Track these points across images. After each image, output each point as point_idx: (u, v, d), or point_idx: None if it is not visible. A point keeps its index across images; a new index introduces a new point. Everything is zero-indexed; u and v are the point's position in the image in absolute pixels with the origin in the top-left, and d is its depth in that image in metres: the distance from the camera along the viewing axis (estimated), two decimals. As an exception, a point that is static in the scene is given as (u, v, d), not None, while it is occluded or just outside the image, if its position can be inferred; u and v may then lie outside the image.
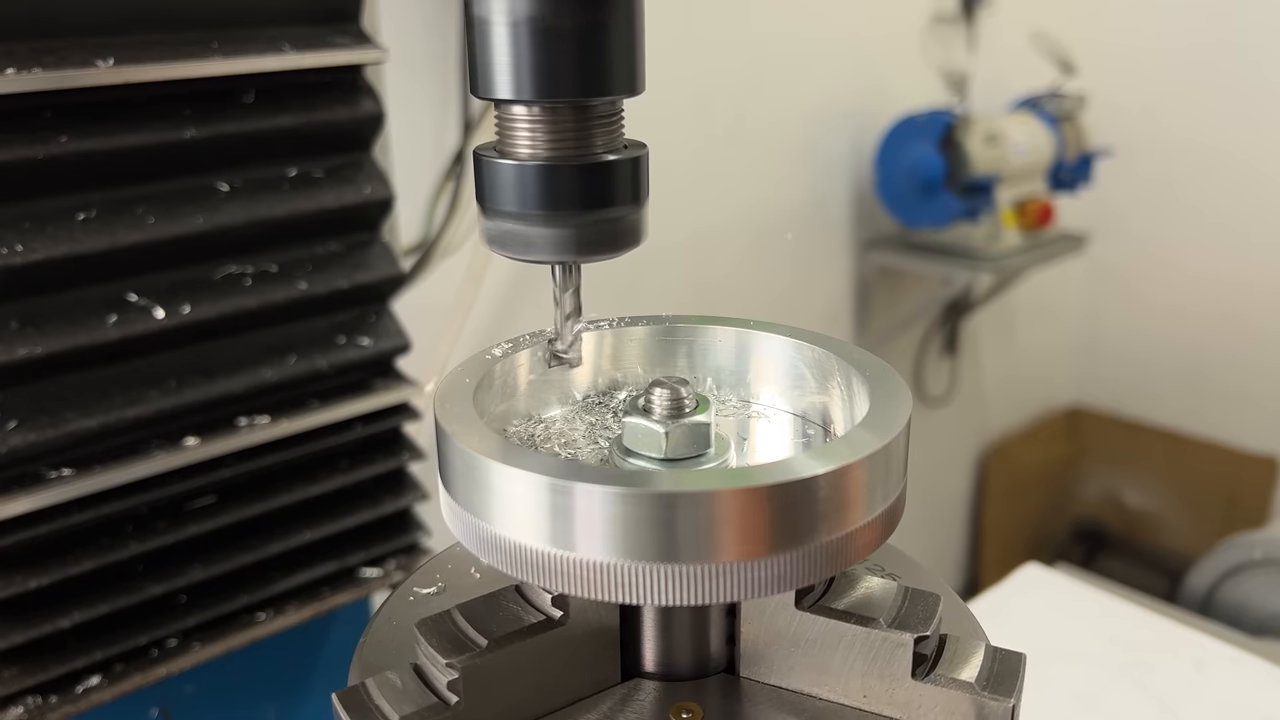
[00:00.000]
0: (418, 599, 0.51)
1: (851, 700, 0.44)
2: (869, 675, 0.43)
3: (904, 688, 0.42)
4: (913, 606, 0.43)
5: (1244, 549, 2.18)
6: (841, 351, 0.48)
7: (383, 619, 0.49)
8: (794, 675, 0.45)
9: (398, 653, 0.46)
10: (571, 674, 0.44)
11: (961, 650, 0.43)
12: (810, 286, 2.48)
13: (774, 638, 0.45)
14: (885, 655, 0.42)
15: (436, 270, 1.45)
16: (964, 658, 0.43)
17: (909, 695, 0.42)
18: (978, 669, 0.42)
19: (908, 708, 0.43)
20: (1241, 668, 1.19)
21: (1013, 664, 0.43)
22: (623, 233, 0.46)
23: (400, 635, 0.48)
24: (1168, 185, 3.10)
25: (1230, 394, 3.13)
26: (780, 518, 0.37)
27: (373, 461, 0.92)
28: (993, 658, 0.43)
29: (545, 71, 0.41)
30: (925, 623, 0.42)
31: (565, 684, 0.44)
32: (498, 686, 0.41)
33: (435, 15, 1.53)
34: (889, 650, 0.42)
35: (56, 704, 0.76)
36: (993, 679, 0.42)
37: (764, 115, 2.20)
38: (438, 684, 0.40)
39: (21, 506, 0.72)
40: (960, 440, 3.11)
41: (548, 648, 0.42)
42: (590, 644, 0.44)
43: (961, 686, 0.41)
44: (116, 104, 0.74)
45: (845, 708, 0.44)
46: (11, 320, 0.72)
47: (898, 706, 0.43)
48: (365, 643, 0.47)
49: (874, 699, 0.43)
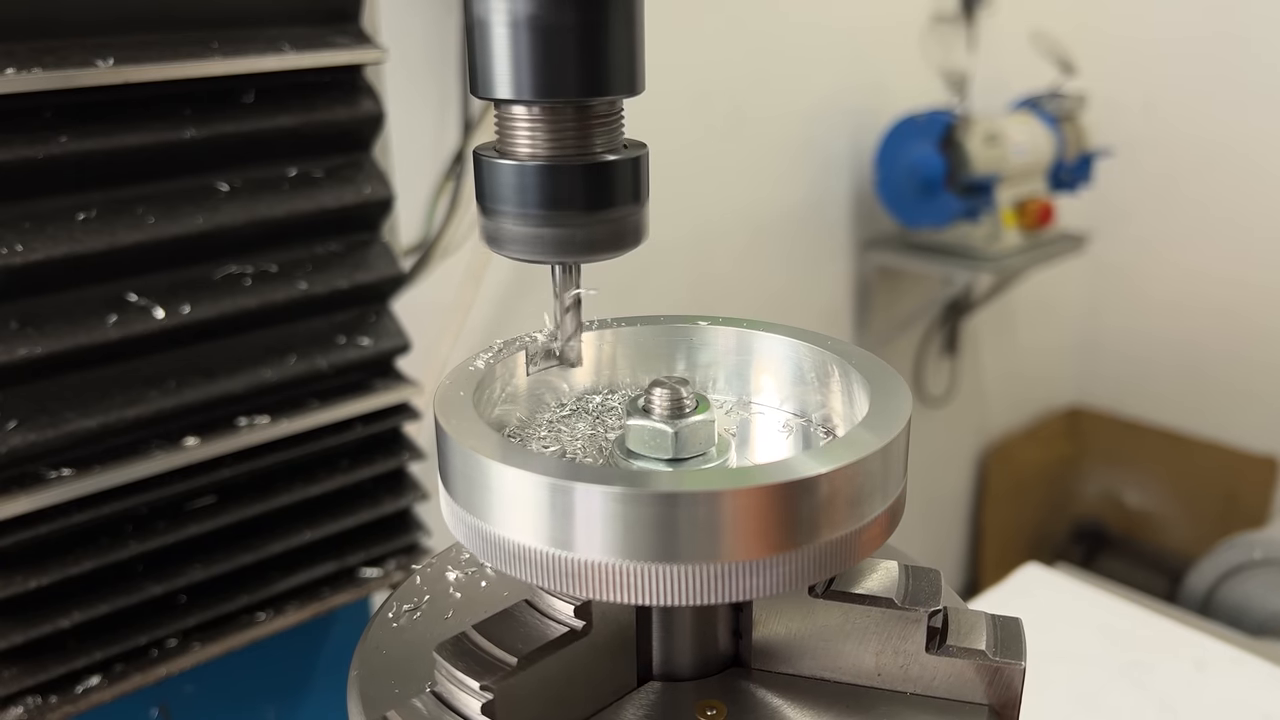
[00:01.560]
0: (402, 624, 0.49)
1: (866, 680, 0.45)
2: (883, 654, 0.44)
3: (918, 662, 0.44)
4: (918, 583, 0.44)
5: (1244, 549, 2.19)
6: (841, 351, 0.48)
7: (370, 649, 0.47)
8: (807, 662, 0.45)
9: (402, 680, 0.45)
10: (594, 683, 0.43)
11: (964, 621, 0.44)
12: (810, 286, 2.48)
13: (786, 627, 0.45)
14: (899, 632, 0.43)
15: (436, 270, 1.45)
16: (969, 628, 0.44)
17: (922, 669, 0.44)
18: (985, 636, 0.43)
19: (920, 681, 0.44)
20: (1241, 668, 1.19)
21: (1014, 629, 0.44)
22: (623, 233, 0.46)
23: (394, 663, 0.46)
24: (1168, 184, 3.10)
25: (1230, 394, 3.13)
26: (781, 518, 0.37)
27: (373, 461, 0.92)
28: (994, 625, 0.44)
29: (545, 71, 0.41)
30: (934, 597, 0.43)
31: (589, 694, 0.43)
32: (528, 704, 0.40)
33: (435, 15, 1.53)
34: (903, 627, 0.43)
35: (56, 704, 0.76)
36: (1000, 644, 0.43)
37: (764, 114, 2.20)
38: (466, 709, 0.39)
39: (21, 506, 0.72)
40: (960, 440, 3.11)
41: (572, 659, 0.41)
42: (610, 651, 0.44)
43: (973, 655, 0.43)
44: (116, 104, 0.74)
45: (861, 688, 0.45)
46: (11, 320, 0.72)
47: (911, 681, 0.44)
48: (359, 675, 0.46)
49: (888, 677, 0.44)
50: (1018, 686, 0.43)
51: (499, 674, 0.39)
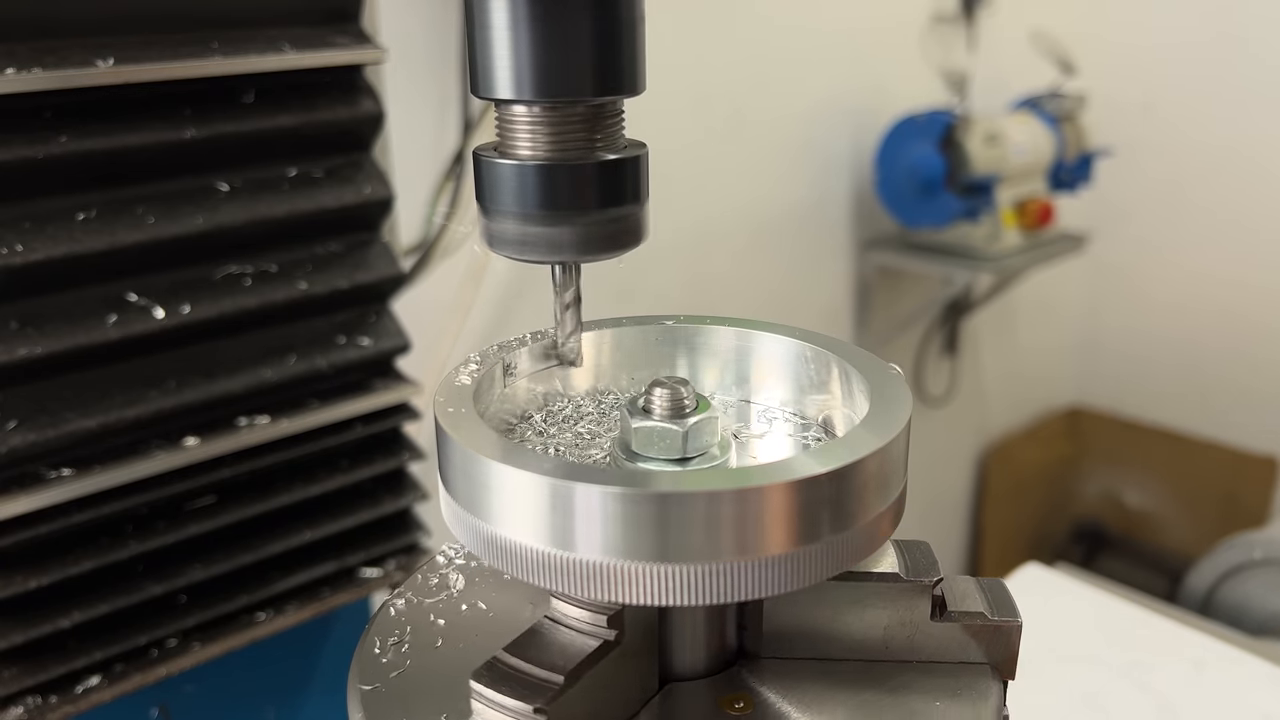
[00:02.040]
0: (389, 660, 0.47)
1: (875, 655, 0.46)
2: (891, 626, 0.46)
3: (924, 631, 0.45)
4: (914, 556, 0.46)
5: (1244, 549, 2.19)
6: (841, 351, 0.48)
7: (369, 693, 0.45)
8: (817, 645, 0.46)
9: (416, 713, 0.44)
10: (625, 691, 0.43)
11: (957, 588, 0.46)
12: (810, 286, 2.48)
13: (795, 614, 0.45)
14: (906, 604, 0.45)
15: (436, 270, 1.45)
16: (963, 594, 0.46)
17: (927, 637, 0.46)
18: (979, 599, 0.46)
19: (926, 649, 0.46)
20: (1241, 668, 1.19)
21: (1001, 590, 0.47)
22: (623, 232, 0.46)
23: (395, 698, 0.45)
24: (1168, 184, 3.10)
25: (1231, 394, 3.13)
26: (781, 518, 0.37)
27: (373, 461, 0.92)
28: (984, 588, 0.46)
29: (545, 71, 0.41)
30: (933, 567, 0.45)
31: (622, 702, 0.43)
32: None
33: (435, 15, 1.53)
34: (909, 599, 0.45)
35: (56, 704, 0.76)
36: (994, 605, 0.46)
37: (764, 114, 2.20)
38: None
39: (21, 506, 0.72)
40: (960, 440, 3.11)
41: (606, 669, 0.41)
42: (637, 657, 0.44)
43: (974, 617, 0.45)
44: (116, 104, 0.74)
45: (873, 663, 0.46)
46: (11, 320, 0.72)
47: (917, 650, 0.46)
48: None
49: (896, 648, 0.46)
50: (1016, 642, 0.45)
51: (549, 694, 0.38)
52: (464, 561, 0.54)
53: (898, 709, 0.44)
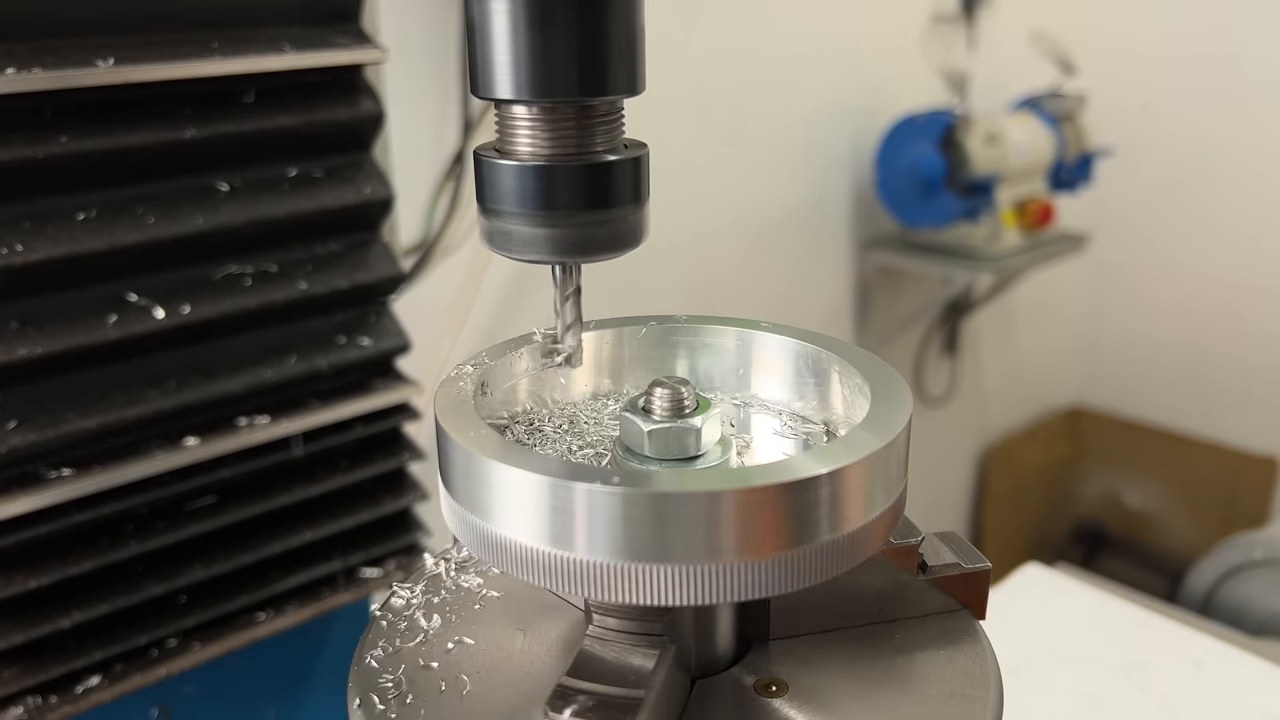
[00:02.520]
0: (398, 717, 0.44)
1: (871, 618, 0.49)
2: (885, 588, 0.49)
3: (911, 589, 0.49)
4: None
5: (1244, 549, 2.19)
6: (842, 351, 0.48)
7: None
8: (823, 619, 0.48)
9: None
10: (675, 695, 0.43)
11: (927, 546, 0.50)
12: (810, 286, 2.48)
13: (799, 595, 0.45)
14: (897, 566, 0.48)
15: (436, 270, 1.45)
16: (933, 550, 0.50)
17: (915, 593, 0.49)
18: (949, 552, 0.50)
19: (914, 604, 0.49)
20: (1241, 668, 1.19)
21: (959, 541, 0.51)
22: (623, 233, 0.46)
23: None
24: (1168, 185, 3.10)
25: (1231, 394, 3.13)
26: (782, 518, 0.37)
27: (373, 461, 0.92)
28: (948, 540, 0.51)
29: (545, 71, 0.41)
30: (913, 528, 0.49)
31: (673, 705, 0.43)
32: None
33: (435, 15, 1.53)
34: (901, 559, 0.48)
35: (56, 704, 0.76)
36: (962, 555, 0.50)
37: (764, 115, 2.20)
38: None
39: (21, 506, 0.72)
40: (960, 440, 3.11)
41: (671, 675, 0.41)
42: (680, 661, 0.44)
43: (952, 568, 0.49)
44: (116, 104, 0.74)
45: (874, 625, 0.49)
46: (11, 320, 0.72)
47: (907, 606, 0.49)
48: None
49: (889, 608, 0.49)
50: (985, 584, 0.50)
51: (635, 711, 0.37)
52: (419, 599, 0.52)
53: (914, 663, 0.46)
